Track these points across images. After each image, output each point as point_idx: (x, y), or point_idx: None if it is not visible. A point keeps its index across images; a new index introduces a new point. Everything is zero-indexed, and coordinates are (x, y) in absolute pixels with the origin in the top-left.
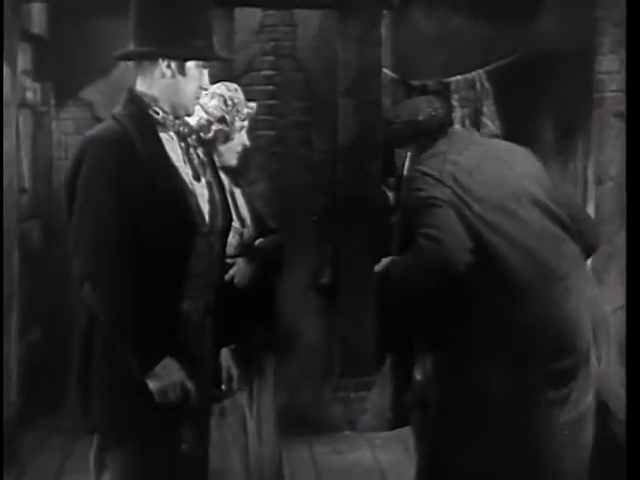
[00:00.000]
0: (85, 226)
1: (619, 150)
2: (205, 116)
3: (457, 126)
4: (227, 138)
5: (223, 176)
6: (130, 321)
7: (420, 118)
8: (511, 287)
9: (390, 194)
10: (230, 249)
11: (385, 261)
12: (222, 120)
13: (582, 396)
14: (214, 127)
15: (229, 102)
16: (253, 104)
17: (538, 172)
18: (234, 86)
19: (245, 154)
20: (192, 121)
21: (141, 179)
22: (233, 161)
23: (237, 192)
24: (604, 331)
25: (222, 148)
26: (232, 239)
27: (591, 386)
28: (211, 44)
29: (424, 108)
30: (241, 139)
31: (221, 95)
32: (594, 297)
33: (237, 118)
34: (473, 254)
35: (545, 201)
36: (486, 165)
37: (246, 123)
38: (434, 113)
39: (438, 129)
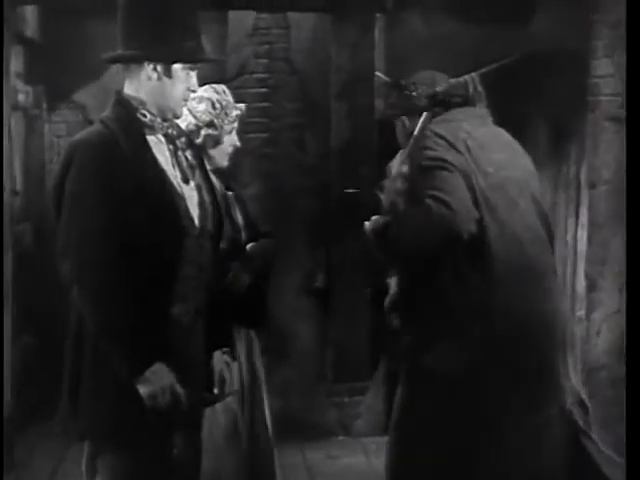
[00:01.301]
0: (72, 230)
1: (613, 154)
2: (193, 121)
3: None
4: (217, 142)
5: (215, 179)
6: (119, 326)
7: (438, 89)
8: (489, 270)
9: (382, 196)
10: (224, 253)
11: (378, 219)
12: (211, 124)
13: (546, 401)
14: (203, 132)
15: (217, 105)
16: (242, 105)
17: (536, 177)
18: (222, 88)
19: (236, 155)
20: (181, 126)
21: (129, 182)
22: (224, 162)
23: (230, 195)
24: (571, 348)
25: (212, 151)
26: (226, 243)
27: (557, 395)
28: (198, 46)
29: (442, 80)
30: (231, 140)
31: (209, 99)
32: (563, 313)
33: (226, 121)
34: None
35: (542, 204)
36: (497, 145)
37: (236, 124)
38: (451, 86)
39: (453, 103)
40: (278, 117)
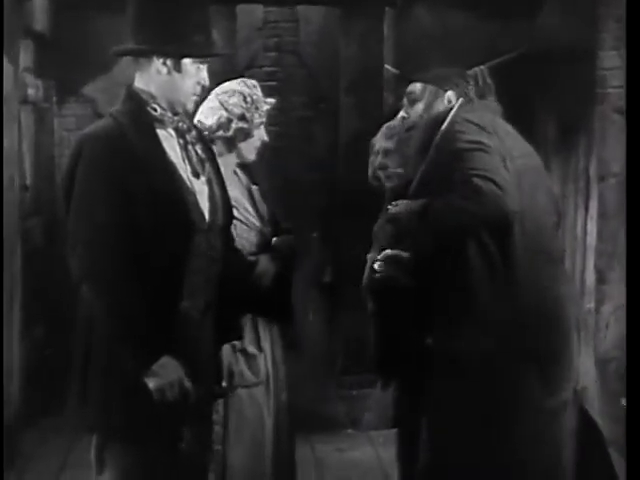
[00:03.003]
0: (82, 225)
1: (621, 146)
2: (225, 114)
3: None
4: (247, 135)
5: (241, 173)
6: (127, 320)
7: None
8: (511, 253)
9: (382, 174)
10: (252, 247)
11: (409, 202)
12: (242, 118)
13: (563, 384)
14: (234, 125)
15: (248, 99)
16: (271, 100)
17: (544, 168)
18: (253, 82)
19: (263, 149)
20: (212, 119)
21: (138, 177)
22: (252, 156)
23: (254, 189)
24: (585, 332)
25: (241, 145)
26: (253, 237)
27: (572, 378)
28: (208, 40)
29: (458, 76)
30: (260, 135)
31: (241, 92)
32: (575, 296)
33: (256, 115)
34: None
35: (553, 193)
36: (517, 135)
37: (264, 119)
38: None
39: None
40: (287, 110)
